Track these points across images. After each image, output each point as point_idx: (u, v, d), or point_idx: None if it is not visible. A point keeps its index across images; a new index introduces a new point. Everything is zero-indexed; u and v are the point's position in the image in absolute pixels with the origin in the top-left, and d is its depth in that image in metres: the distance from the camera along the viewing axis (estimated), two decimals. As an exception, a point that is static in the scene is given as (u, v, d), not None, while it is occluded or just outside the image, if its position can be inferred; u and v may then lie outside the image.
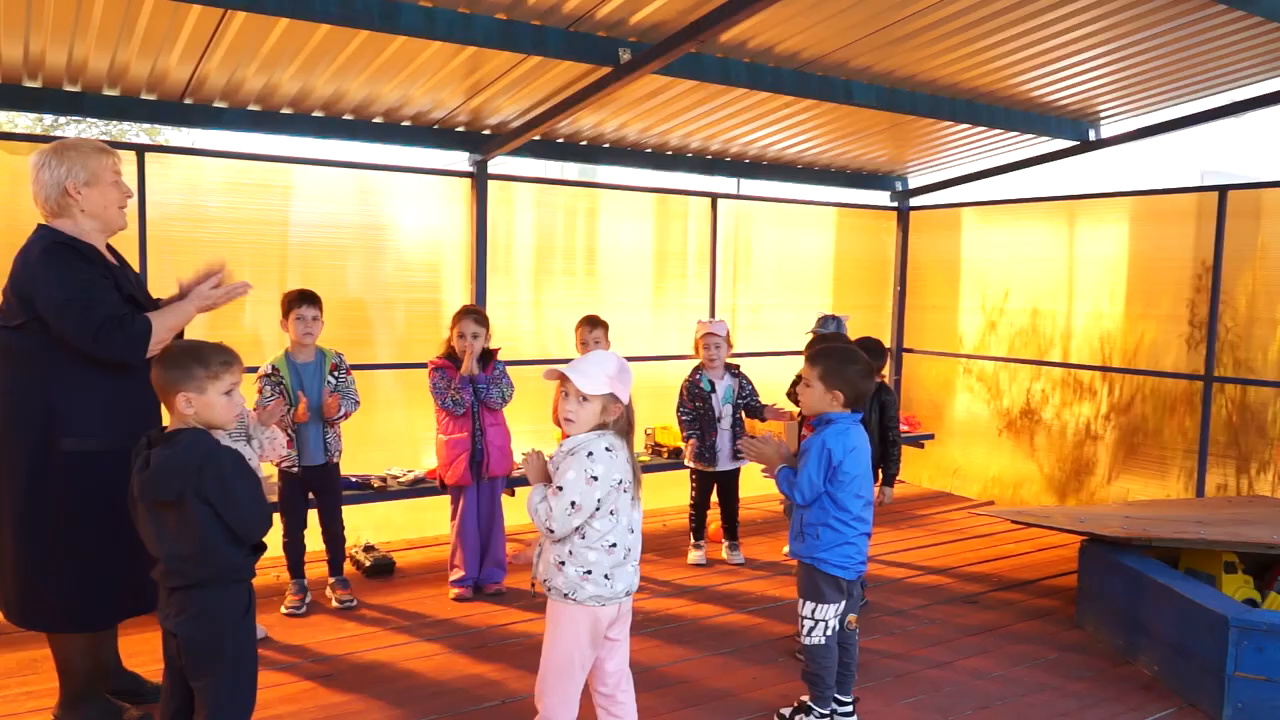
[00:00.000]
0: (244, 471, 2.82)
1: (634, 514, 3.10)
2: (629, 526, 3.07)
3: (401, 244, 6.13)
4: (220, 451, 2.79)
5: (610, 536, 3.02)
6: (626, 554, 3.06)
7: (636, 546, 3.11)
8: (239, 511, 2.76)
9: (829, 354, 3.62)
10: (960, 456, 7.89)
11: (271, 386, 4.68)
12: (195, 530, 2.73)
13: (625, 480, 3.02)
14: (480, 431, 5.00)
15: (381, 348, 6.08)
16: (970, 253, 7.83)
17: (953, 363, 7.94)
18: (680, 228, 7.26)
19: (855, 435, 3.53)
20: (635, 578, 3.11)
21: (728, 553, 5.84)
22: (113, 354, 3.24)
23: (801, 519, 3.58)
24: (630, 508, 3.08)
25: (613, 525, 3.02)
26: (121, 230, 3.49)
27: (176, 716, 2.90)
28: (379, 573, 5.43)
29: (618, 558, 3.03)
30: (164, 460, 2.72)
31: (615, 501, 3.01)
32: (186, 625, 2.79)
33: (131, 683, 3.77)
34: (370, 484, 5.63)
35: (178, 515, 2.74)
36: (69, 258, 3.25)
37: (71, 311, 3.19)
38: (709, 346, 5.64)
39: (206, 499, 2.72)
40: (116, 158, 3.46)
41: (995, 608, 5.11)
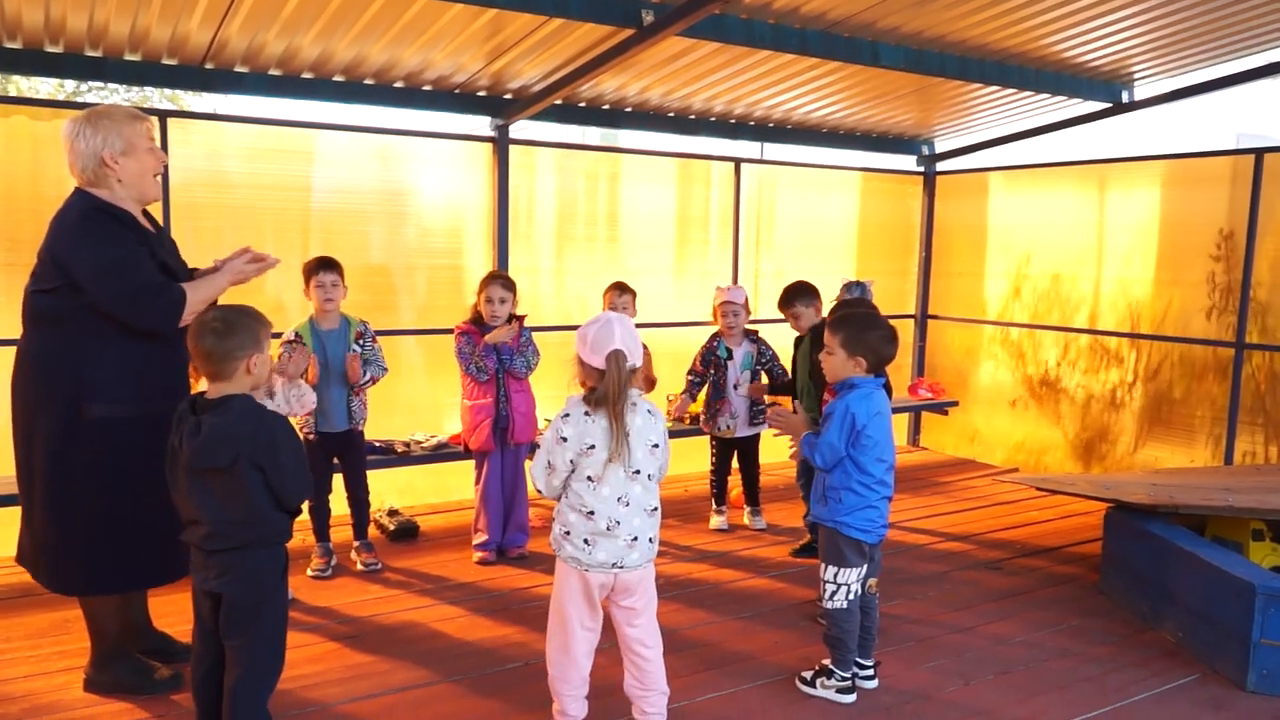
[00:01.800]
0: (293, 438, 2.90)
1: (630, 487, 3.05)
2: (617, 497, 3.04)
3: (423, 209, 6.14)
4: (273, 418, 2.87)
5: (588, 502, 3.04)
6: (612, 525, 3.04)
7: (631, 521, 3.06)
8: (286, 477, 2.83)
9: (850, 320, 3.62)
10: (984, 423, 7.87)
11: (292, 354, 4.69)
12: (244, 495, 2.80)
13: (600, 446, 3.01)
14: (505, 398, 5.02)
15: (404, 313, 6.11)
16: (997, 218, 7.76)
17: (977, 329, 7.90)
18: (703, 193, 7.23)
19: (879, 400, 3.54)
20: (629, 553, 3.07)
21: (749, 518, 5.87)
22: (148, 322, 3.28)
23: (824, 483, 3.60)
24: (622, 478, 3.04)
25: (590, 491, 3.04)
26: (156, 201, 3.53)
27: (208, 677, 2.97)
28: (403, 536, 5.49)
29: (598, 526, 3.04)
30: (218, 427, 2.78)
31: (592, 468, 3.02)
32: (231, 585, 2.86)
33: (162, 642, 3.85)
34: (394, 449, 5.69)
35: (227, 481, 2.80)
36: (107, 223, 3.27)
37: (109, 278, 3.22)
38: (726, 315, 5.63)
39: (258, 465, 2.79)
40: (149, 123, 3.48)
41: (1018, 574, 5.12)
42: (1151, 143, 10.56)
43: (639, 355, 3.08)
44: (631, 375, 3.05)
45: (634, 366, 3.05)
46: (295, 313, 5.59)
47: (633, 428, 3.05)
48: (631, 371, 3.04)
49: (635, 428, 3.05)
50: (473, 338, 4.98)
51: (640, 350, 3.09)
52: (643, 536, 3.10)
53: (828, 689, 3.64)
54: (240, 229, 5.48)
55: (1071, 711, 3.60)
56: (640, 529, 3.10)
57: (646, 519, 3.11)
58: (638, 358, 3.07)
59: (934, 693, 3.72)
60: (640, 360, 3.08)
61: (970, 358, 7.99)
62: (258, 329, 2.91)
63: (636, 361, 3.06)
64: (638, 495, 3.09)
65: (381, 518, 5.63)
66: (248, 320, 2.90)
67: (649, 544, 3.13)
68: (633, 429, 3.05)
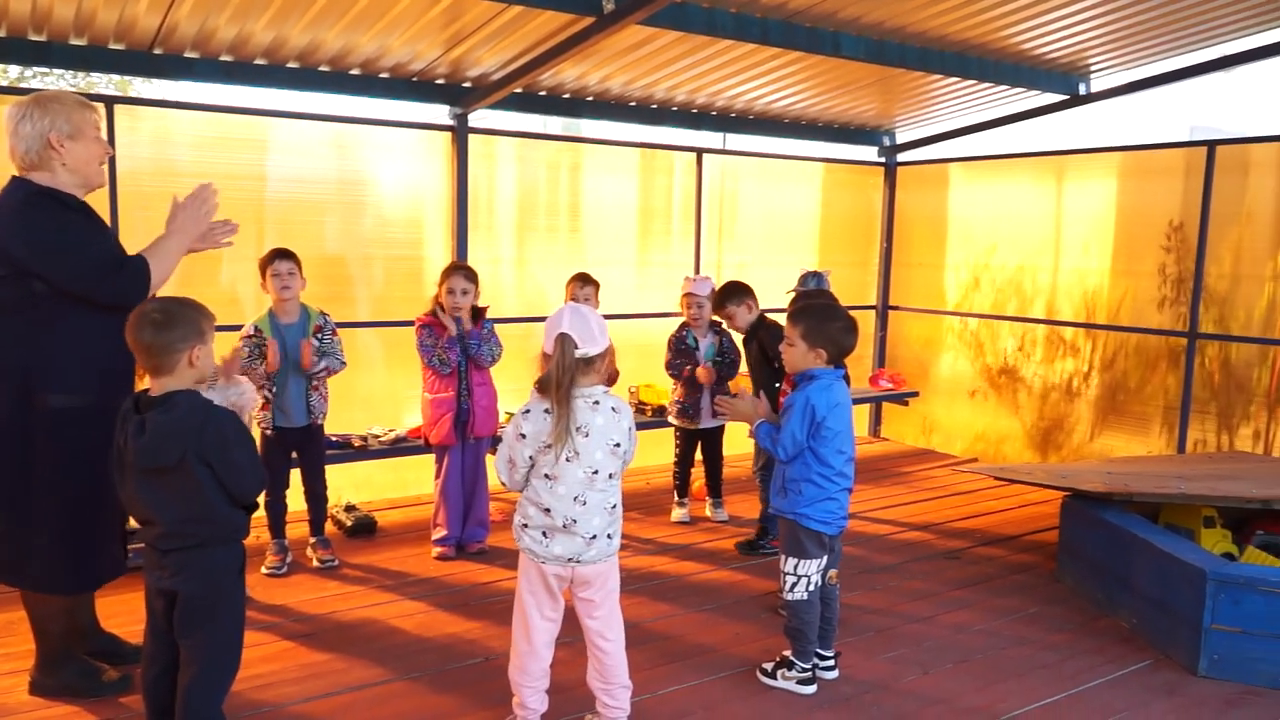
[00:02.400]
0: (242, 433, 2.84)
1: (587, 486, 3.04)
2: (574, 496, 3.04)
3: (381, 199, 6.07)
4: (219, 412, 2.81)
5: (545, 500, 3.05)
6: (569, 523, 3.04)
7: (590, 520, 3.06)
8: (237, 473, 2.78)
9: (811, 312, 3.64)
10: (944, 414, 7.94)
11: (252, 348, 4.65)
12: (196, 493, 2.75)
13: (548, 441, 3.00)
14: (467, 391, 4.99)
15: (362, 305, 6.04)
16: (957, 209, 7.83)
17: (937, 319, 7.97)
18: (665, 183, 7.22)
19: (838, 391, 3.55)
20: (587, 549, 3.07)
21: (711, 510, 5.88)
22: (114, 295, 3.20)
23: (784, 474, 3.60)
24: (579, 478, 3.03)
25: (547, 489, 3.04)
26: (100, 188, 3.46)
27: (161, 678, 2.92)
28: (360, 532, 5.44)
29: (554, 522, 3.05)
30: (162, 425, 2.72)
31: (549, 466, 3.02)
32: (186, 584, 2.81)
33: (110, 644, 3.78)
34: (351, 443, 5.63)
35: (177, 479, 2.74)
36: (51, 206, 3.21)
37: (66, 255, 3.16)
38: (691, 307, 5.64)
39: (207, 461, 2.73)
40: (98, 114, 3.44)
41: (977, 563, 5.17)
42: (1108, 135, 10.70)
43: (597, 344, 3.02)
44: (585, 365, 3.02)
45: (586, 355, 3.00)
46: (249, 306, 5.52)
47: (593, 426, 3.03)
48: (585, 361, 3.01)
49: (595, 426, 3.03)
50: (434, 330, 4.94)
51: (599, 339, 3.02)
52: (601, 534, 3.09)
53: (788, 680, 3.66)
54: (192, 219, 5.37)
55: (1029, 699, 3.64)
56: (600, 527, 3.09)
57: (606, 517, 3.10)
58: (593, 346, 3.01)
59: (893, 682, 3.75)
60: (599, 349, 3.03)
61: (930, 348, 8.06)
62: (200, 320, 2.83)
63: (590, 350, 3.00)
64: (596, 494, 3.07)
65: (338, 513, 5.58)
66: (189, 311, 2.83)
67: (608, 540, 3.12)
68: (593, 428, 3.03)
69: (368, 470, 6.02)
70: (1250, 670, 3.80)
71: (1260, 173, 5.96)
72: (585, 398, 3.03)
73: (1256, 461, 5.51)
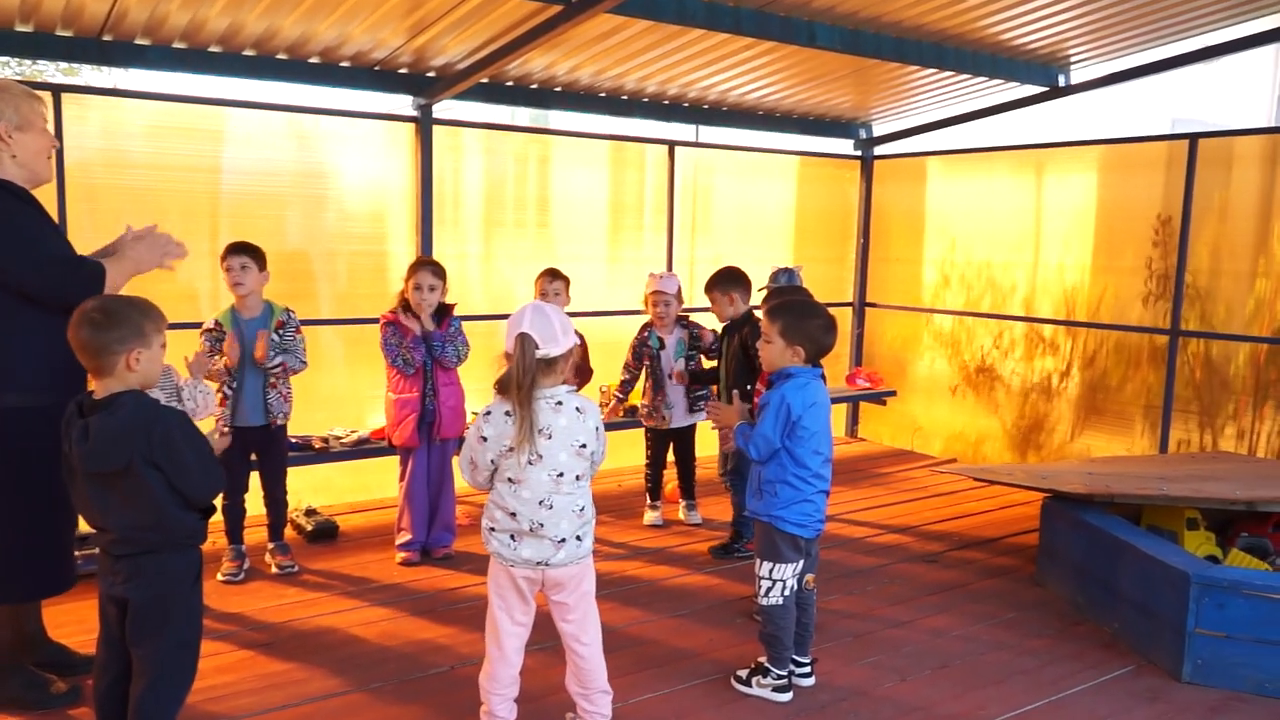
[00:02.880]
0: (191, 432, 2.81)
1: (553, 490, 3.04)
2: (539, 500, 3.04)
3: (343, 193, 6.03)
4: (167, 413, 2.77)
5: (509, 504, 3.05)
6: (535, 527, 3.04)
7: (558, 524, 3.06)
8: (189, 475, 2.76)
9: (789, 308, 3.64)
10: (922, 413, 7.99)
11: (212, 342, 4.63)
12: (147, 497, 2.72)
13: (510, 445, 3.00)
14: (432, 391, 4.97)
15: (324, 302, 6.00)
16: (935, 204, 7.87)
17: (915, 317, 8.01)
18: (636, 177, 7.21)
19: (815, 390, 3.56)
20: (556, 553, 3.07)
21: (685, 513, 5.89)
22: (68, 295, 3.14)
23: (760, 476, 3.61)
24: (544, 481, 3.03)
25: (511, 493, 3.05)
26: (47, 183, 3.43)
27: (113, 688, 2.88)
28: (321, 537, 5.41)
29: (520, 526, 3.05)
30: (107, 427, 2.68)
31: (512, 470, 3.02)
32: (140, 590, 2.78)
33: (58, 654, 3.72)
34: (311, 445, 5.60)
35: (126, 483, 2.71)
36: (5, 200, 3.17)
37: (20, 250, 3.11)
38: (658, 305, 5.65)
39: (155, 464, 2.70)
40: (45, 105, 3.41)
41: (956, 566, 5.20)
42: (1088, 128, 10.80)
43: (559, 344, 3.01)
44: (547, 366, 3.01)
45: (547, 355, 2.99)
46: (206, 303, 5.47)
47: (556, 428, 3.02)
48: (546, 361, 3.00)
49: (559, 428, 3.03)
50: (399, 328, 4.91)
51: (561, 339, 3.01)
52: (570, 537, 3.09)
53: (764, 687, 3.66)
54: (143, 213, 5.25)
55: (1008, 705, 3.67)
56: (568, 530, 3.08)
57: (574, 520, 3.10)
58: (555, 346, 3.00)
59: (871, 689, 3.77)
60: (561, 349, 3.02)
61: (908, 346, 8.10)
62: (142, 321, 2.77)
63: (552, 350, 2.99)
64: (563, 498, 3.07)
65: (298, 517, 5.53)
66: (130, 312, 2.77)
67: (577, 543, 3.12)
68: (556, 429, 3.02)
69: (329, 473, 5.98)
70: (1235, 676, 3.84)
71: (1243, 166, 6.02)
72: (548, 399, 3.02)
73: (1240, 462, 5.58)
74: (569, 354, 3.06)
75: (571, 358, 3.08)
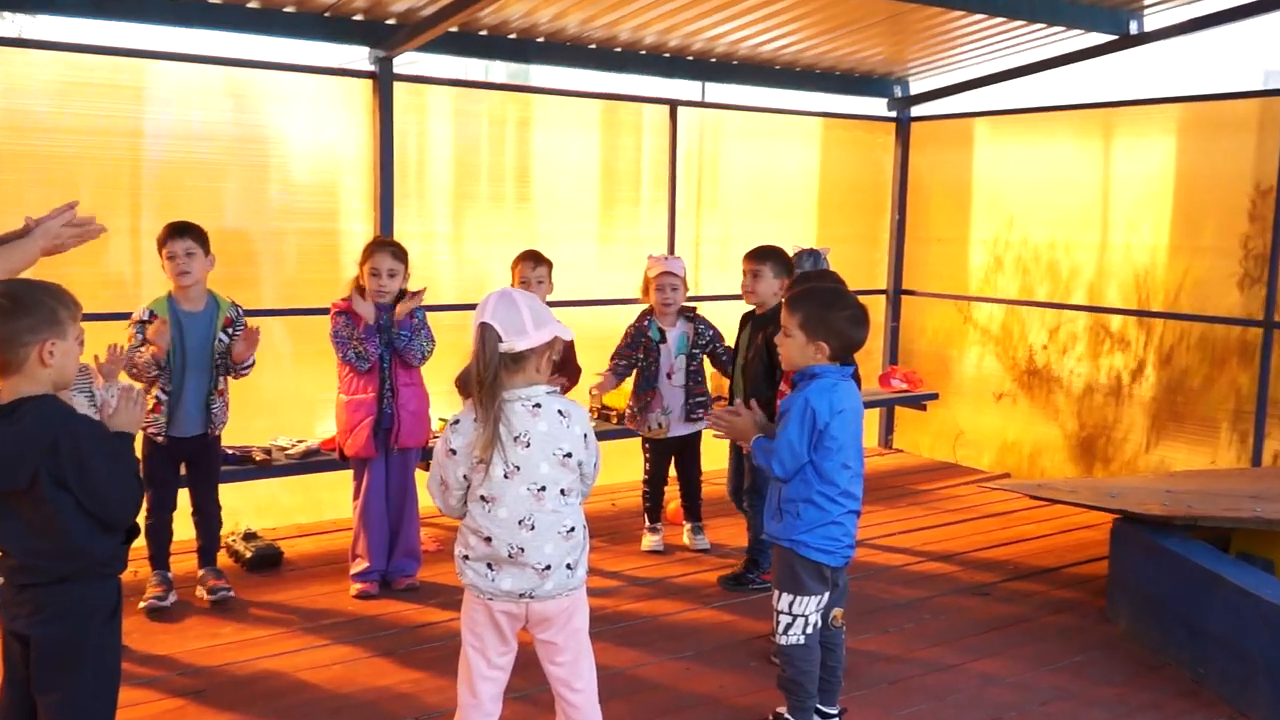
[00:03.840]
0: (105, 443, 2.78)
1: (534, 507, 3.03)
2: (519, 520, 3.02)
3: (288, 162, 6.02)
4: (76, 421, 2.75)
5: (483, 526, 3.03)
6: (515, 552, 3.03)
7: (541, 548, 3.04)
8: (102, 493, 2.74)
9: (811, 297, 3.63)
10: (968, 420, 7.97)
11: (143, 335, 4.61)
12: (53, 520, 2.70)
13: (493, 458, 2.99)
14: (391, 392, 4.95)
15: (266, 289, 6.00)
16: (983, 173, 7.84)
17: (960, 306, 7.99)
18: (632, 142, 7.19)
19: (844, 393, 3.53)
20: (541, 583, 3.06)
21: (690, 537, 5.87)
22: None
23: (779, 494, 3.58)
24: (523, 497, 3.02)
25: (485, 514, 3.03)
26: None
27: (17, 740, 2.86)
28: (262, 565, 5.38)
29: (497, 552, 3.03)
30: (7, 439, 2.67)
31: (486, 486, 3.01)
32: (45, 626, 2.76)
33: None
34: (251, 457, 5.57)
35: (28, 503, 2.69)
36: None
37: None
38: (663, 289, 5.61)
39: (63, 482, 2.68)
40: None
41: (1010, 600, 5.18)
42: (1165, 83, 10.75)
43: (528, 337, 2.97)
44: (514, 362, 2.97)
45: (512, 349, 2.95)
46: (132, 291, 5.44)
47: (534, 434, 3.01)
48: (511, 357, 2.96)
49: (538, 434, 3.01)
50: (352, 318, 4.90)
51: (531, 331, 2.98)
52: (558, 563, 3.07)
53: (784, 743, 3.64)
54: (52, 183, 5.29)
55: (1073, 763, 3.65)
56: (555, 555, 3.06)
57: (561, 543, 3.07)
58: (523, 338, 2.96)
59: (911, 745, 3.76)
60: (531, 343, 2.98)
61: (952, 341, 8.08)
62: (57, 308, 2.76)
63: (519, 344, 2.96)
64: (546, 516, 3.05)
65: (236, 543, 5.51)
66: (43, 297, 2.76)
67: (567, 571, 3.09)
68: (534, 435, 3.01)
69: (272, 490, 5.97)
70: (1339, 726, 3.82)
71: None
72: (523, 400, 3.01)
73: (1342, 475, 5.56)
74: (544, 349, 3.03)
75: (549, 354, 3.06)
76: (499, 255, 6.27)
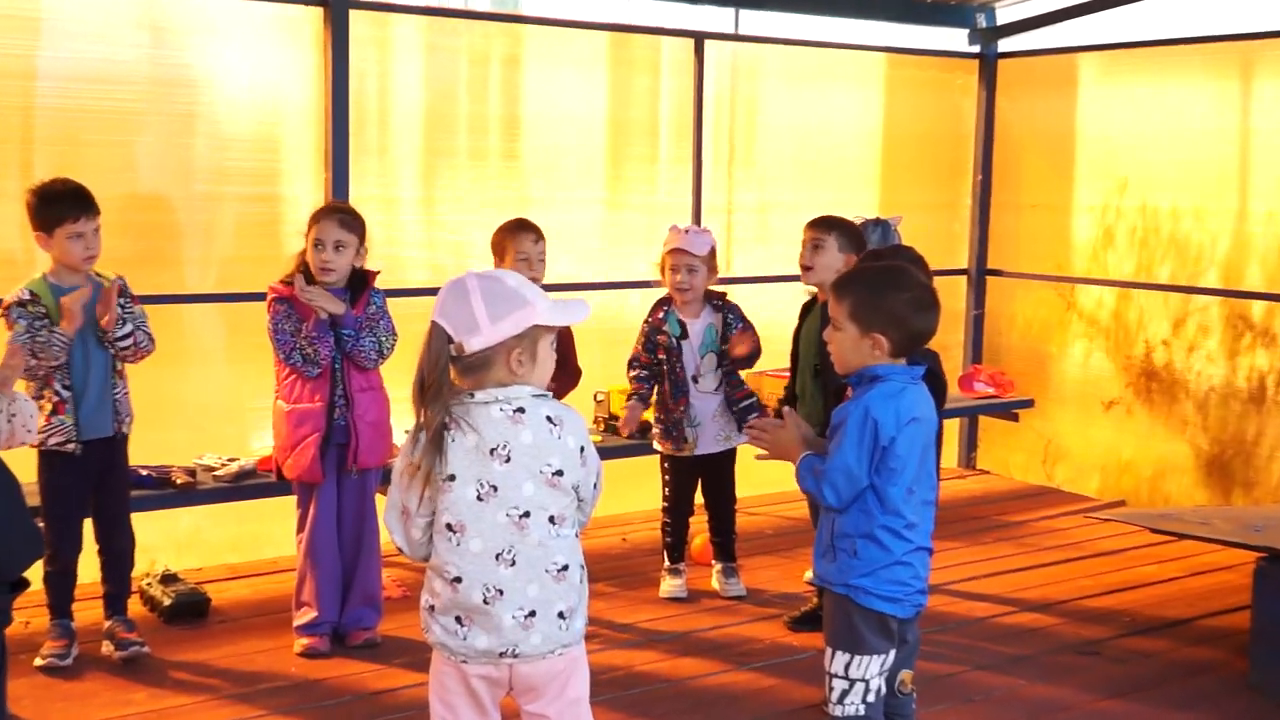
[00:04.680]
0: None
1: (514, 537, 3.00)
2: (496, 553, 2.99)
3: (218, 109, 6.04)
4: None
5: (451, 563, 3.00)
6: (491, 596, 2.99)
7: (524, 589, 3.01)
8: None
9: (863, 279, 3.61)
10: (1072, 433, 7.95)
11: (28, 321, 4.60)
12: None
13: (464, 475, 2.96)
14: (344, 398, 4.95)
15: (190, 269, 6.03)
16: (1090, 123, 7.83)
17: (1062, 290, 7.97)
18: (648, 85, 7.21)
19: (912, 400, 3.50)
20: (525, 635, 3.02)
21: (721, 580, 5.86)
22: None
23: (832, 527, 3.56)
24: (500, 524, 2.99)
25: (453, 547, 3.00)
26: None
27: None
28: (184, 615, 5.39)
29: (470, 599, 2.99)
30: None
31: (453, 510, 2.97)
32: None
33: None
34: (170, 480, 5.56)
35: None
36: None
37: None
38: (679, 270, 5.57)
39: None
40: None
41: (1127, 661, 5.16)
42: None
43: (480, 333, 2.94)
44: (468, 366, 2.97)
45: (463, 352, 2.94)
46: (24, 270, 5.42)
47: (516, 445, 2.97)
48: (461, 360, 2.96)
49: (520, 446, 2.98)
50: (296, 308, 4.90)
51: (486, 327, 2.95)
52: (546, 611, 3.03)
53: (839, 841, 3.62)
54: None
55: None
56: (541, 600, 3.02)
57: (550, 585, 3.04)
58: (476, 336, 2.94)
59: (1000, 844, 3.73)
60: (486, 342, 2.95)
61: (1051, 334, 8.06)
62: None
63: (472, 343, 2.93)
64: (531, 550, 3.01)
65: (151, 586, 5.52)
66: None
67: (559, 621, 3.06)
68: (516, 447, 2.97)
69: (196, 521, 6.01)
70: None
71: None
72: (501, 403, 2.97)
73: None
74: (514, 344, 2.99)
75: (532, 347, 3.02)
76: (480, 226, 6.24)
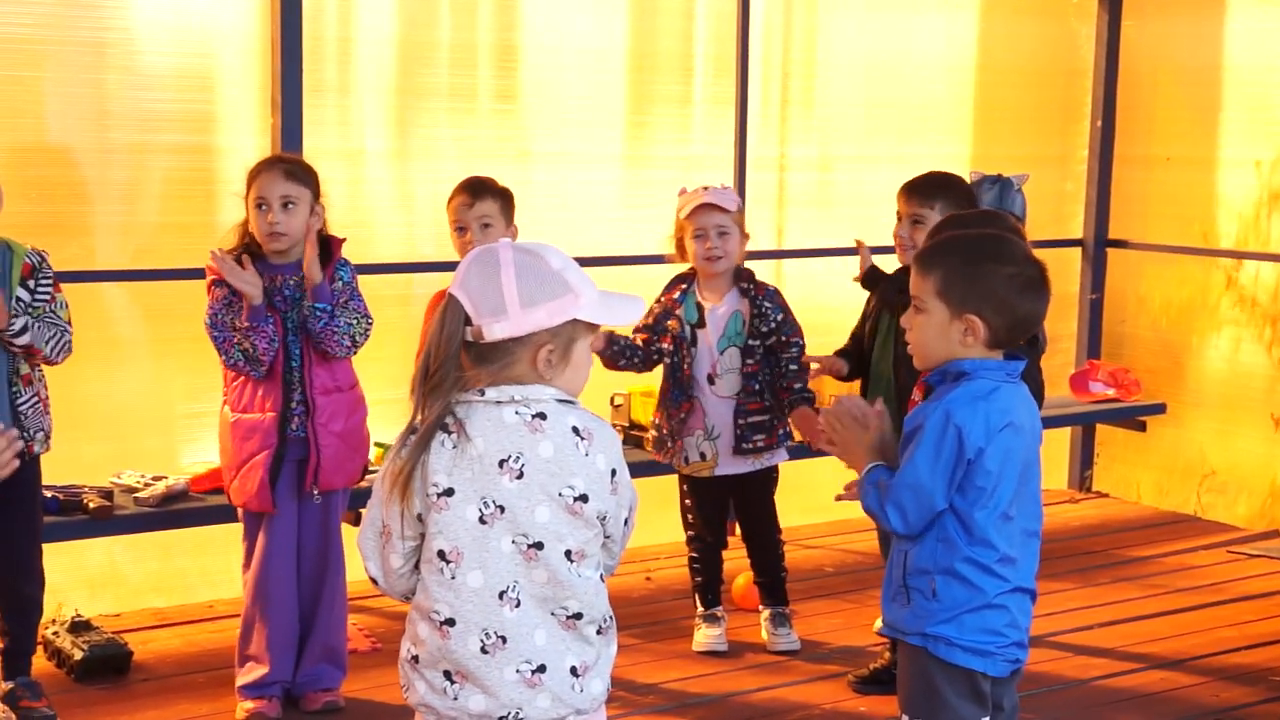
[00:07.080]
0: None
1: (522, 571, 2.95)
2: (499, 591, 2.95)
3: (137, 40, 6.08)
4: None
5: (443, 601, 2.97)
6: (491, 644, 2.97)
7: (530, 637, 2.97)
8: None
9: (956, 247, 3.63)
10: (1217, 446, 7.95)
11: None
12: None
13: (465, 490, 2.92)
14: (304, 403, 4.98)
15: (104, 240, 6.07)
16: (1243, 55, 7.83)
17: (1206, 266, 7.99)
18: (678, 9, 7.25)
19: (1007, 401, 3.50)
20: (532, 696, 2.98)
21: (769, 630, 5.86)
22: None
23: (905, 562, 3.59)
24: (506, 554, 2.94)
25: (443, 582, 2.96)
26: None
27: None
28: (101, 671, 5.41)
29: (464, 647, 2.96)
30: None
31: (446, 534, 2.93)
32: None
33: None
34: (81, 503, 5.59)
35: None
36: None
37: None
38: (707, 234, 5.53)
39: None
40: None
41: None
42: None
43: (513, 320, 2.89)
44: (483, 355, 2.92)
45: (482, 337, 2.88)
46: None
47: (531, 460, 2.96)
48: (476, 348, 2.91)
49: (537, 460, 2.94)
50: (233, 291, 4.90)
51: (520, 311, 2.89)
52: (558, 665, 3.05)
53: None
54: None
55: None
56: (552, 653, 3.03)
57: (564, 635, 3.06)
58: (503, 321, 2.88)
59: None
60: (518, 330, 2.89)
61: (1192, 323, 8.08)
62: None
63: (496, 329, 2.87)
64: (542, 588, 3.03)
65: (58, 636, 5.56)
66: None
67: (573, 681, 3.09)
68: (531, 462, 2.96)
69: (112, 555, 6.04)
70: None
71: None
72: (521, 404, 2.95)
73: None
74: (547, 339, 2.99)
75: (568, 345, 3.00)
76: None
